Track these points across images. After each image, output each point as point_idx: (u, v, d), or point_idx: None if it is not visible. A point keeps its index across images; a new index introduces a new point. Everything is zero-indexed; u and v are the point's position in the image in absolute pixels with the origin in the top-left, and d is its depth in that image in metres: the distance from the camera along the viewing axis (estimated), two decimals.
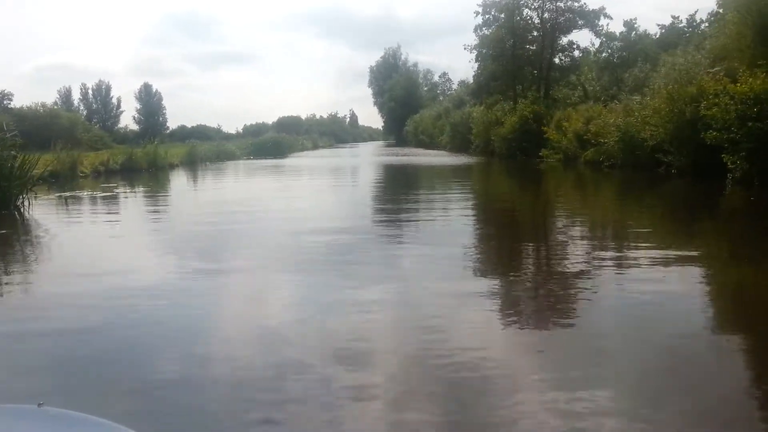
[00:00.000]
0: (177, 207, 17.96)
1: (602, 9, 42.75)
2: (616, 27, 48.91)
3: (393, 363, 4.80)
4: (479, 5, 46.87)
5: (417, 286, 7.39)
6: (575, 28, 43.69)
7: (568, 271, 8.13)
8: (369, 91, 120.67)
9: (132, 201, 19.54)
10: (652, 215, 14.53)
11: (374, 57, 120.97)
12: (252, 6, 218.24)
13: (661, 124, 22.20)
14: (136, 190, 23.07)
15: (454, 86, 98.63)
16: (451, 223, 13.34)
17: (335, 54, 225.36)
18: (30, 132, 66.58)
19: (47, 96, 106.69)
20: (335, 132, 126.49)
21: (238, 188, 24.92)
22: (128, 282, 7.75)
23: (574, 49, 44.66)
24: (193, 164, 37.42)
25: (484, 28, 47.19)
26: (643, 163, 24.07)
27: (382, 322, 5.94)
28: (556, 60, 44.93)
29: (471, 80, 55.95)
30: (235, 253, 9.84)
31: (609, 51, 48.77)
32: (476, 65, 48.70)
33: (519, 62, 45.67)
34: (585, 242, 10.82)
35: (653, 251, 9.15)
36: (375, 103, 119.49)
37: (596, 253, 9.39)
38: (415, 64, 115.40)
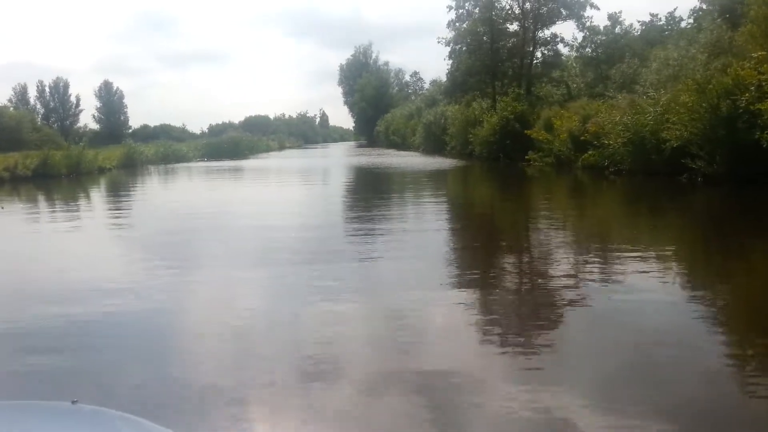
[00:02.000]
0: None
1: None
2: (599, 21, 44.48)
3: None
4: None
5: None
6: (559, 19, 39.26)
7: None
8: (340, 91, 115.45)
9: None
10: (700, 242, 10.05)
11: (345, 56, 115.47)
12: (220, 4, 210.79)
13: (686, 122, 17.74)
14: (13, 208, 17.82)
15: (426, 86, 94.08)
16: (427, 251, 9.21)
17: (305, 53, 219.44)
18: None
19: (5, 95, 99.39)
20: (304, 132, 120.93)
21: (162, 204, 19.73)
22: None
23: (557, 42, 40.23)
24: (131, 168, 32.02)
25: (457, 23, 42.56)
26: (659, 168, 19.60)
27: None
28: (539, 54, 40.49)
29: (444, 79, 51.47)
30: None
31: (593, 46, 44.77)
32: (450, 62, 44.12)
33: (498, 57, 41.10)
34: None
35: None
36: (345, 103, 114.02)
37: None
38: (386, 63, 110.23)
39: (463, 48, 42.55)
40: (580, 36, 43.34)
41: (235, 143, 49.16)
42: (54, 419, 1.82)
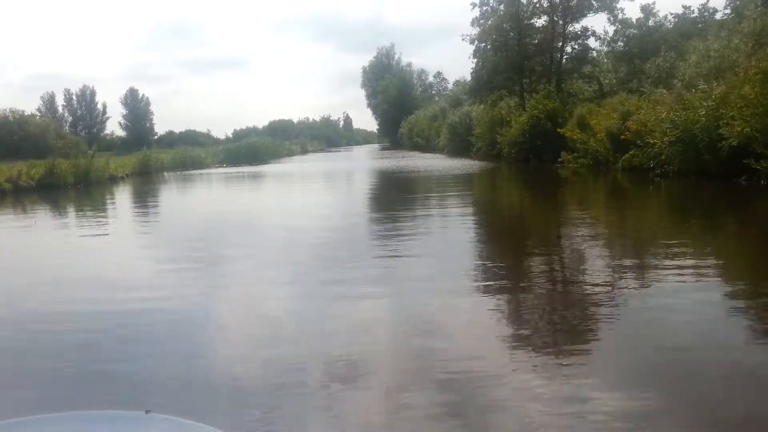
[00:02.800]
0: None
1: None
2: (631, 13, 42.02)
3: None
4: None
5: None
6: (590, 11, 36.92)
7: None
8: (363, 93, 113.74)
9: None
10: None
11: (367, 59, 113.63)
12: (242, 11, 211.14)
13: (748, 117, 15.53)
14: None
15: (450, 86, 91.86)
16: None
17: (327, 57, 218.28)
18: None
19: (34, 104, 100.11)
20: (328, 135, 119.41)
21: (167, 219, 18.09)
22: None
23: (588, 36, 37.86)
24: (146, 175, 30.60)
25: (482, 21, 40.50)
26: (713, 170, 17.39)
27: None
28: (568, 49, 38.16)
29: (468, 78, 49.36)
30: None
31: (624, 39, 42.33)
32: (474, 61, 42.01)
33: (525, 53, 38.90)
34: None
35: None
36: (369, 105, 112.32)
37: None
38: (409, 64, 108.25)
39: (488, 46, 40.52)
40: (611, 30, 41.08)
41: (254, 148, 47.60)
42: (128, 428, 1.86)
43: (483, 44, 40.98)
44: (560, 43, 37.72)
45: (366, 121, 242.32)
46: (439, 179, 25.29)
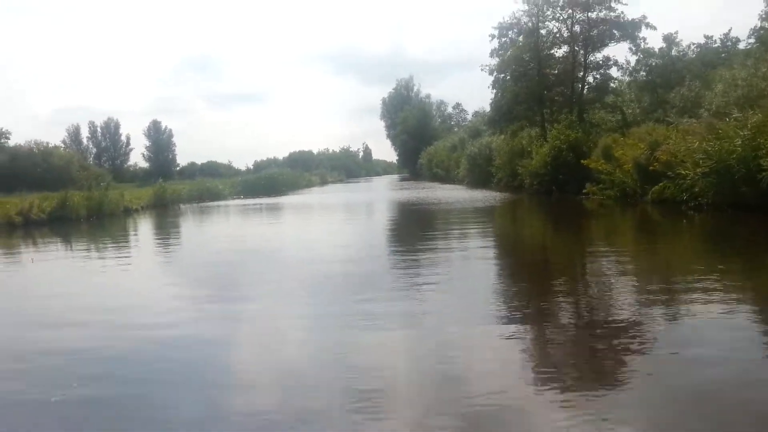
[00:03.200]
0: None
1: (644, 18, 35.23)
2: (653, 42, 41.19)
3: None
4: (494, 28, 39.74)
5: None
6: (612, 41, 36.18)
7: None
8: (383, 125, 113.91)
9: None
10: None
11: (387, 91, 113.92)
12: (264, 46, 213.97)
13: None
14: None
15: (469, 117, 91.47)
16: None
17: (347, 89, 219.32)
18: (23, 171, 60.67)
19: (60, 136, 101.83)
20: (347, 166, 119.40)
21: (173, 256, 17.36)
22: None
23: (610, 65, 37.06)
24: (161, 208, 30.12)
25: (500, 51, 39.96)
26: (751, 202, 16.31)
27: None
28: (590, 79, 37.35)
29: (487, 109, 48.75)
30: None
31: (647, 69, 41.51)
32: (494, 92, 41.37)
33: (545, 83, 38.20)
34: None
35: None
36: (388, 136, 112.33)
37: None
38: (428, 96, 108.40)
39: (507, 77, 39.93)
40: (633, 59, 40.36)
41: (272, 180, 47.17)
42: None
43: (502, 75, 40.41)
44: (581, 73, 36.94)
45: (385, 151, 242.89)
46: (460, 212, 24.42)
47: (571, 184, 28.88)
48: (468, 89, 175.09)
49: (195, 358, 6.17)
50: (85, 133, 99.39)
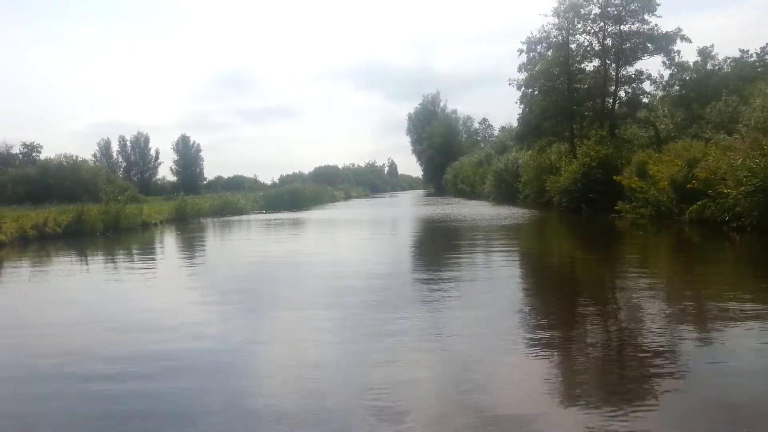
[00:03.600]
0: None
1: (678, 31, 33.91)
2: (687, 56, 39.85)
3: None
4: (523, 42, 38.79)
5: None
6: (645, 54, 34.92)
7: None
8: (408, 140, 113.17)
9: None
10: None
11: (413, 106, 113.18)
12: (293, 62, 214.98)
13: None
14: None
15: (495, 132, 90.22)
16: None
17: (374, 105, 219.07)
18: (53, 184, 61.22)
19: (92, 150, 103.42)
20: (372, 181, 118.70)
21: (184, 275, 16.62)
22: None
23: (643, 79, 35.76)
24: (181, 222, 29.59)
25: (529, 66, 38.93)
26: None
27: None
28: (621, 93, 36.07)
29: (515, 124, 47.64)
30: None
31: (680, 83, 40.12)
32: (521, 107, 40.33)
33: (575, 98, 37.04)
34: None
35: None
36: (413, 151, 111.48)
37: None
38: (455, 111, 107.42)
39: (535, 92, 38.89)
40: (666, 73, 39.09)
41: (295, 194, 46.56)
42: None
43: (530, 90, 39.38)
44: (613, 87, 35.71)
45: (411, 167, 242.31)
46: (486, 230, 23.37)
47: (601, 202, 27.64)
48: (495, 104, 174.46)
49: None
50: (115, 147, 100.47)
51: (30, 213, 22.10)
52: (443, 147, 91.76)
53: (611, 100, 36.09)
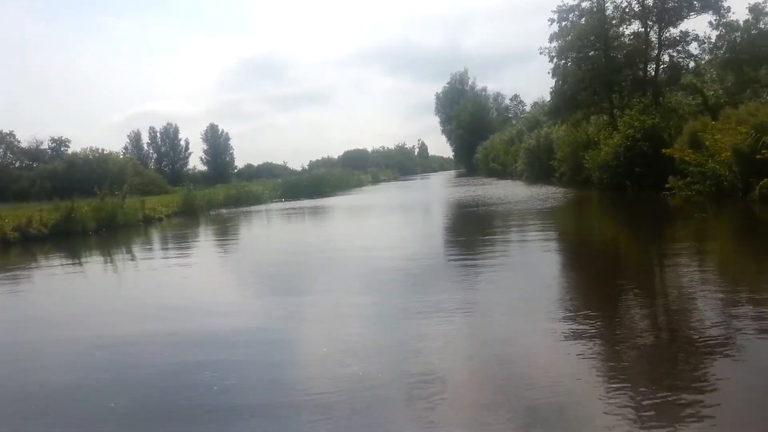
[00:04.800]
0: None
1: None
2: (737, 14, 35.70)
3: None
4: (554, 11, 35.34)
5: None
6: (691, 12, 31.15)
7: None
8: (437, 120, 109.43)
9: None
10: None
11: (442, 87, 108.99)
12: (322, 47, 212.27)
13: None
14: None
15: (527, 109, 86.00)
16: None
17: (403, 87, 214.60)
18: (80, 177, 60.24)
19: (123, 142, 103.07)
20: (402, 163, 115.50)
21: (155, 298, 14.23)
22: None
23: (689, 41, 32.01)
24: (190, 215, 27.35)
25: (560, 36, 35.46)
26: None
27: None
28: (665, 57, 32.43)
29: (547, 98, 44.07)
30: None
31: (729, 44, 36.07)
32: (554, 81, 36.90)
33: (613, 64, 33.50)
34: None
35: None
36: (443, 131, 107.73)
37: None
38: (484, 89, 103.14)
39: (569, 63, 35.45)
40: (713, 34, 35.09)
41: (316, 181, 44.03)
42: None
43: (563, 61, 35.94)
44: (655, 52, 32.08)
45: (441, 148, 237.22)
46: (521, 215, 20.43)
47: (648, 178, 24.44)
48: (526, 82, 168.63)
49: None
50: (145, 139, 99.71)
51: (16, 211, 20.13)
52: (473, 126, 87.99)
53: (653, 66, 32.51)
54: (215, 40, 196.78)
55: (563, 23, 35.47)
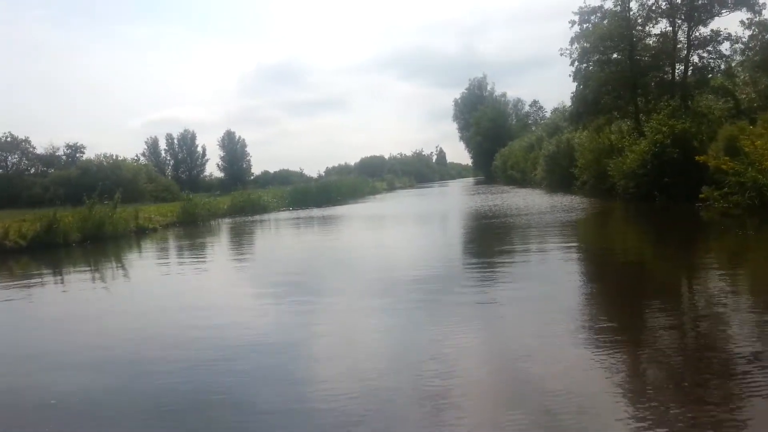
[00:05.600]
0: None
1: None
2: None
3: None
4: (575, 13, 33.48)
5: None
6: (724, 9, 29.01)
7: None
8: (455, 126, 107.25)
9: None
10: None
11: (460, 93, 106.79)
12: (338, 54, 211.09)
13: None
14: None
15: (548, 115, 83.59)
16: None
17: (421, 93, 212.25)
18: (92, 184, 59.40)
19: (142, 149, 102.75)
20: (419, 170, 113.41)
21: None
22: None
23: (721, 41, 29.84)
24: (189, 225, 25.83)
25: (582, 40, 33.55)
26: None
27: None
28: (695, 58, 30.28)
29: (568, 104, 42.00)
30: None
31: (763, 44, 33.79)
32: (575, 85, 34.97)
33: (639, 66, 31.45)
34: None
35: None
36: (461, 138, 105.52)
37: None
38: (503, 95, 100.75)
39: (590, 67, 33.48)
40: (746, 34, 32.86)
41: (325, 189, 42.37)
42: None
43: (584, 65, 33.99)
44: (684, 52, 29.98)
45: (460, 154, 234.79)
46: (541, 228, 18.52)
47: (678, 188, 22.43)
48: (546, 88, 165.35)
49: None
50: (162, 146, 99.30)
51: (12, 217, 18.74)
52: (492, 132, 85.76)
53: (682, 67, 30.39)
54: (234, 46, 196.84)
55: (585, 25, 33.58)
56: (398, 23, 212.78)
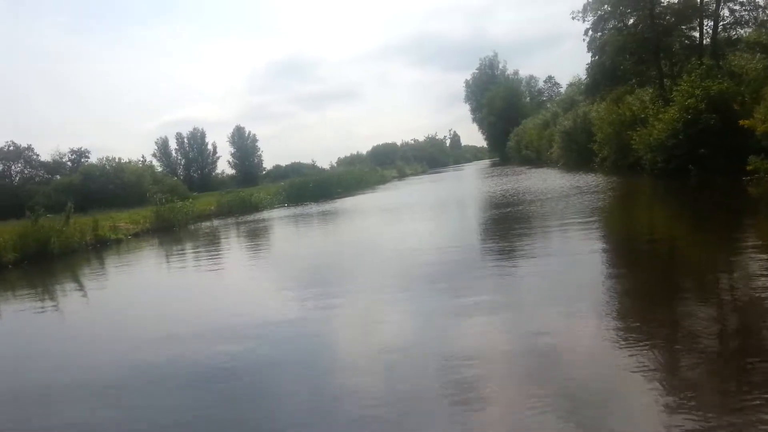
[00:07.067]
0: None
1: None
2: None
3: None
4: None
5: None
6: None
7: None
8: (467, 108, 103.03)
9: None
10: None
11: (471, 74, 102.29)
12: (346, 44, 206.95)
13: None
14: None
15: (562, 91, 79.14)
16: None
17: (432, 79, 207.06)
18: (96, 189, 57.07)
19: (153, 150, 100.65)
20: (432, 155, 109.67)
21: None
22: None
23: None
24: (162, 233, 22.93)
25: (597, 6, 29.95)
26: None
27: None
28: (725, 12, 26.50)
29: (583, 77, 38.30)
30: None
31: None
32: (590, 54, 31.46)
33: (662, 25, 27.77)
34: None
35: None
36: (474, 119, 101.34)
37: None
38: (516, 72, 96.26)
39: (604, 34, 29.94)
40: None
41: (324, 182, 39.20)
42: None
43: (599, 33, 30.46)
44: (714, 5, 26.21)
45: (475, 137, 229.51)
46: (560, 215, 15.29)
47: (717, 159, 18.95)
48: (559, 65, 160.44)
49: None
50: (173, 145, 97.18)
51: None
52: (505, 112, 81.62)
53: (711, 23, 26.65)
54: (243, 43, 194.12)
55: None
56: (404, 10, 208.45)
